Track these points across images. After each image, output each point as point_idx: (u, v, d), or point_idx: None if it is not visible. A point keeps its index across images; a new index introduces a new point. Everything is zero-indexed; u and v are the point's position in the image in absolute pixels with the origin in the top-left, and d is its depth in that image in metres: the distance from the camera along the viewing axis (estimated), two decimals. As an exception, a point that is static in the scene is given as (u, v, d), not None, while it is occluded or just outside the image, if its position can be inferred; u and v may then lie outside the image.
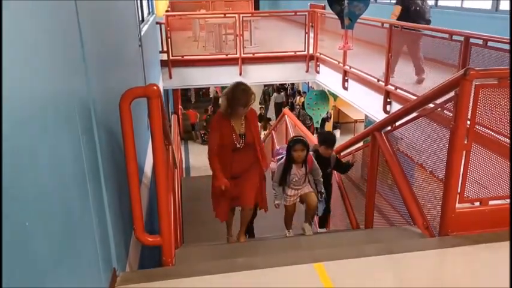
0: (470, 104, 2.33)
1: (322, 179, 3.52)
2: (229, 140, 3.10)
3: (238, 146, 3.14)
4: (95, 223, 1.70)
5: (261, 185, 3.32)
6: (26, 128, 1.09)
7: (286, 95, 15.18)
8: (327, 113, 12.01)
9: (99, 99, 1.98)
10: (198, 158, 11.11)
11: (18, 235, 0.98)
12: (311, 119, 11.55)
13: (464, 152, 2.38)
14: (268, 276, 2.14)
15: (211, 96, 15.92)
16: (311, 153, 3.53)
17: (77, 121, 1.57)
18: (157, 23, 7.95)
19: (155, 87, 2.00)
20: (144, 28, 5.57)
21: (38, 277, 1.09)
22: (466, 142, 2.35)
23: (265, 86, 16.17)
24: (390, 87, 5.64)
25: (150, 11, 7.91)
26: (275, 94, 14.63)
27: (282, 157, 3.47)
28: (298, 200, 3.48)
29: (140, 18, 5.67)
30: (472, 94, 2.30)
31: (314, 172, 3.48)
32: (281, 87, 15.01)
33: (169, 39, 7.88)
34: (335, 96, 10.54)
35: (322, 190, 3.49)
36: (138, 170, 2.11)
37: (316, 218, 4.13)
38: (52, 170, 1.27)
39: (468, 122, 2.34)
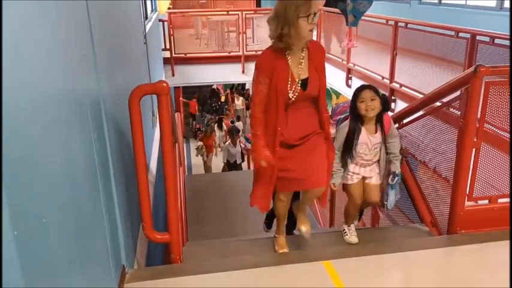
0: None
1: (400, 155, 2.49)
2: (283, 87, 2.08)
3: (293, 98, 2.09)
4: (106, 220, 1.69)
5: (329, 162, 2.29)
6: (40, 126, 1.08)
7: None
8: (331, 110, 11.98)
9: (108, 97, 1.97)
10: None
11: (36, 232, 0.98)
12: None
13: (473, 150, 2.37)
14: (277, 274, 2.14)
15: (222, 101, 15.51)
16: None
17: (89, 118, 1.57)
18: (159, 20, 7.93)
19: (164, 84, 1.99)
20: (148, 25, 5.56)
21: (53, 275, 1.08)
22: (475, 140, 2.34)
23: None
24: (395, 85, 5.62)
25: (153, 8, 7.89)
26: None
27: (346, 117, 2.46)
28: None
29: (144, 16, 5.65)
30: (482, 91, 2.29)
31: (392, 142, 2.42)
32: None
33: (172, 37, 7.87)
34: (337, 94, 10.51)
35: (398, 171, 2.45)
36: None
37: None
38: (66, 167, 1.27)
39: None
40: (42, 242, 1.02)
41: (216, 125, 13.05)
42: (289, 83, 2.08)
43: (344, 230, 2.54)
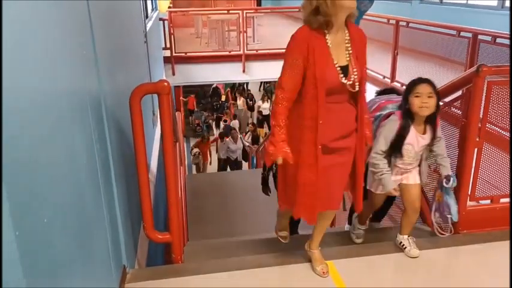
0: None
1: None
2: (323, 72, 1.74)
3: (331, 85, 1.77)
4: (107, 220, 1.68)
5: (362, 171, 1.99)
6: (40, 126, 1.08)
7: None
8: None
9: (109, 96, 1.96)
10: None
11: (37, 232, 0.97)
12: None
13: (475, 150, 2.36)
14: (278, 274, 2.13)
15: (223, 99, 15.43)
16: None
17: (90, 118, 1.56)
18: (160, 19, 7.91)
19: (165, 84, 1.98)
20: (149, 24, 5.54)
21: (54, 275, 1.07)
22: (477, 139, 2.33)
23: (267, 83, 16.15)
24: (396, 85, 5.60)
25: (154, 7, 7.87)
26: (277, 91, 14.57)
27: (388, 114, 2.14)
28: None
29: (145, 14, 5.64)
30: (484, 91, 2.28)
31: (438, 143, 2.14)
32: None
33: (172, 36, 7.85)
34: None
35: (450, 172, 2.20)
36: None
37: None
38: (67, 167, 1.26)
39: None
40: (44, 242, 1.02)
41: (214, 123, 13.03)
42: (329, 68, 1.76)
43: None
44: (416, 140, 2.06)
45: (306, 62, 1.74)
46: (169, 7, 9.24)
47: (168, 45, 7.91)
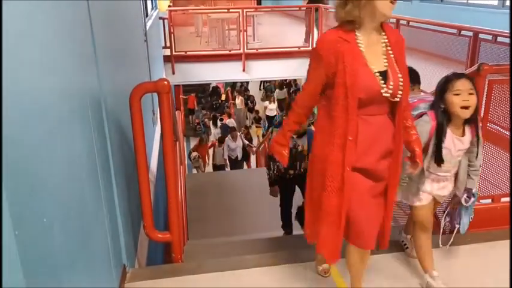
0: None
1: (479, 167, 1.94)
2: (354, 80, 1.50)
3: (367, 97, 1.53)
4: (107, 219, 1.68)
5: (394, 199, 1.72)
6: (40, 126, 1.07)
7: (288, 92, 15.16)
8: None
9: (109, 95, 1.96)
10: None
11: (37, 232, 0.96)
12: (313, 114, 11.49)
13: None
14: (278, 274, 2.13)
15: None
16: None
17: (89, 117, 1.56)
18: (160, 18, 7.90)
19: (165, 82, 1.98)
20: (149, 23, 5.53)
21: (53, 275, 1.07)
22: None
23: (267, 82, 16.15)
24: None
25: (154, 5, 7.86)
26: (277, 90, 14.59)
27: (420, 114, 1.87)
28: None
29: (145, 13, 5.63)
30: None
31: (474, 151, 1.88)
32: (283, 84, 14.98)
33: (172, 35, 7.84)
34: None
35: (475, 189, 1.96)
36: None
37: None
38: (67, 167, 1.25)
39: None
40: (43, 242, 1.01)
41: (211, 121, 12.99)
42: (365, 73, 1.51)
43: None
44: (453, 143, 1.79)
45: (332, 70, 1.52)
46: (169, 6, 9.24)
47: (168, 44, 7.90)
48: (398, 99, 1.56)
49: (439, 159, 1.80)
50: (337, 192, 1.57)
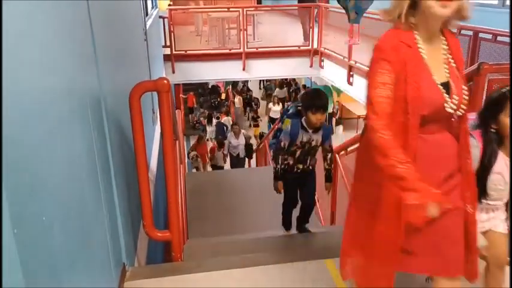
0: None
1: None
2: (419, 94, 1.32)
3: (443, 111, 1.36)
4: (107, 218, 1.68)
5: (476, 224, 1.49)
6: (40, 125, 1.07)
7: (288, 91, 15.16)
8: (333, 108, 12.00)
9: (108, 94, 1.96)
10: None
11: (36, 231, 0.97)
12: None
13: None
14: (279, 273, 2.13)
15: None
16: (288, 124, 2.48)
17: (89, 116, 1.56)
18: (160, 17, 7.90)
19: (165, 81, 1.98)
20: (149, 22, 5.53)
21: (53, 274, 1.07)
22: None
23: (267, 81, 16.15)
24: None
25: (154, 4, 7.86)
26: (277, 89, 14.60)
27: None
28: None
29: (145, 12, 5.63)
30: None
31: None
32: (283, 83, 14.99)
33: (172, 34, 7.84)
34: (339, 92, 10.50)
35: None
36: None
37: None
38: (66, 166, 1.26)
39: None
40: (43, 242, 1.01)
41: (206, 120, 12.95)
42: (427, 87, 1.32)
43: None
44: (506, 167, 1.56)
45: (399, 77, 1.31)
46: (169, 5, 9.23)
47: (168, 43, 7.90)
48: (461, 114, 1.39)
49: (484, 191, 1.56)
50: (392, 221, 1.36)
